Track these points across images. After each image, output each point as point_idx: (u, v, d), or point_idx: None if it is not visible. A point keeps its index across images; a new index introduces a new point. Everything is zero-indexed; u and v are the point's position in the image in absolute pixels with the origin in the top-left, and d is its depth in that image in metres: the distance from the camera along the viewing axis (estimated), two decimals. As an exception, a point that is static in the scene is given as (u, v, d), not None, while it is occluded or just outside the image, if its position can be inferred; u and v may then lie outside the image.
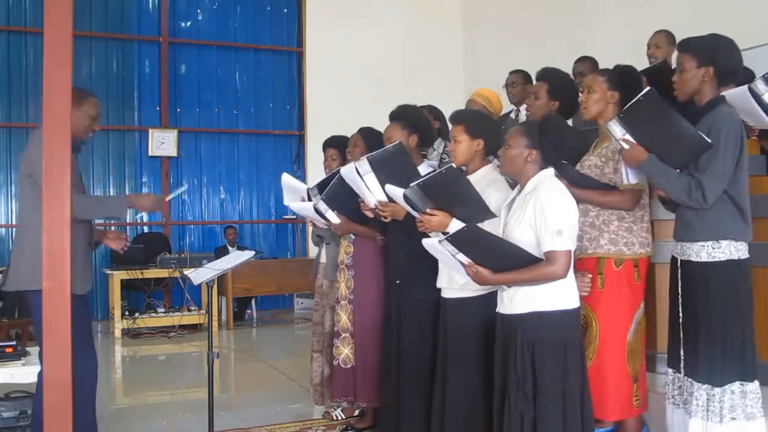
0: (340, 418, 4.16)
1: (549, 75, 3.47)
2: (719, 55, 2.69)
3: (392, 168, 3.10)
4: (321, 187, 3.62)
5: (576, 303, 2.61)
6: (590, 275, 3.00)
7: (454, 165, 2.91)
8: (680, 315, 2.78)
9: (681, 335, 2.77)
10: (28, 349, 3.38)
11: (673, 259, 2.85)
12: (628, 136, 2.72)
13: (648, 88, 2.68)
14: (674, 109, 2.70)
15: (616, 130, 2.75)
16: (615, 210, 3.01)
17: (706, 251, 2.68)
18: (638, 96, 2.67)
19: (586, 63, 4.63)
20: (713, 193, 2.60)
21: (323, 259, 4.22)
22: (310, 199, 3.68)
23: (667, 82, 2.85)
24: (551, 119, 2.81)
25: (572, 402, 2.53)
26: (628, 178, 2.87)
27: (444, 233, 2.70)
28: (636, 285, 3.04)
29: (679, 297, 2.79)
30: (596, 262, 3.03)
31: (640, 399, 3.08)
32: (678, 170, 2.69)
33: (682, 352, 2.76)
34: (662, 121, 2.65)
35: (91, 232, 3.35)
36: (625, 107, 2.77)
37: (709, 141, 2.59)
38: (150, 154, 8.97)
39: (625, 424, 3.13)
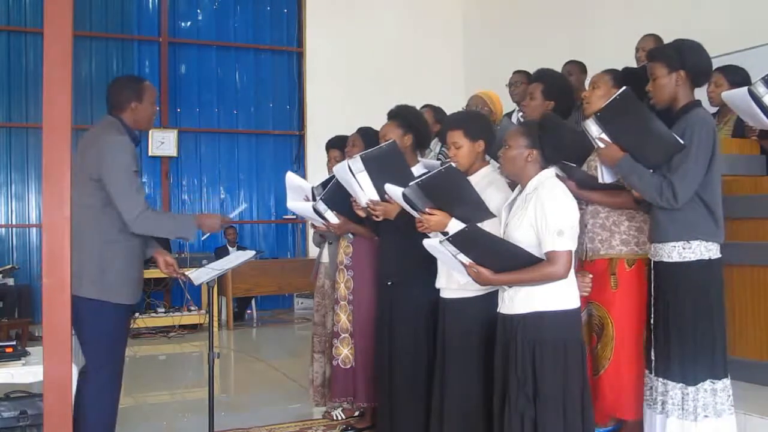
0: (340, 418, 4.16)
1: (544, 75, 3.48)
2: (687, 57, 2.72)
3: (385, 167, 3.08)
4: (325, 185, 3.62)
5: (577, 303, 2.61)
6: (591, 275, 2.99)
7: (453, 164, 2.91)
8: (651, 316, 2.80)
9: (652, 336, 2.80)
10: (28, 349, 3.38)
11: (647, 261, 2.87)
12: (603, 135, 2.75)
13: (624, 87, 2.71)
14: (650, 110, 2.72)
15: (593, 128, 2.77)
16: (625, 210, 3.02)
17: (677, 251, 2.70)
18: (614, 95, 2.70)
19: (574, 66, 4.81)
20: (684, 193, 2.62)
21: (325, 259, 4.22)
22: (315, 198, 3.68)
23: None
24: (550, 118, 2.81)
25: (573, 402, 2.53)
26: (603, 177, 2.87)
27: (443, 233, 2.70)
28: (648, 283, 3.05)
29: (652, 298, 2.81)
30: (609, 263, 3.04)
31: None
32: (652, 170, 2.72)
33: (652, 354, 2.79)
34: (637, 121, 2.68)
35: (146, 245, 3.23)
36: (602, 106, 2.79)
37: (682, 142, 2.62)
38: (150, 154, 8.98)
39: (627, 424, 3.13)
